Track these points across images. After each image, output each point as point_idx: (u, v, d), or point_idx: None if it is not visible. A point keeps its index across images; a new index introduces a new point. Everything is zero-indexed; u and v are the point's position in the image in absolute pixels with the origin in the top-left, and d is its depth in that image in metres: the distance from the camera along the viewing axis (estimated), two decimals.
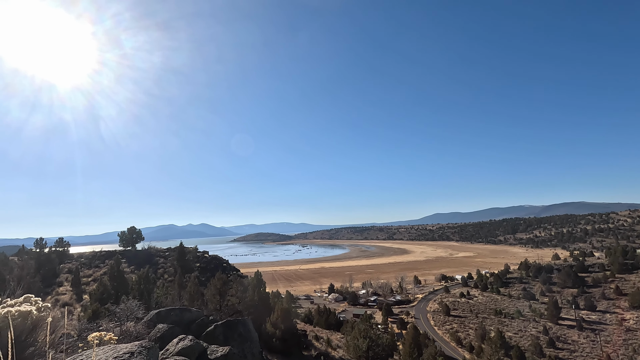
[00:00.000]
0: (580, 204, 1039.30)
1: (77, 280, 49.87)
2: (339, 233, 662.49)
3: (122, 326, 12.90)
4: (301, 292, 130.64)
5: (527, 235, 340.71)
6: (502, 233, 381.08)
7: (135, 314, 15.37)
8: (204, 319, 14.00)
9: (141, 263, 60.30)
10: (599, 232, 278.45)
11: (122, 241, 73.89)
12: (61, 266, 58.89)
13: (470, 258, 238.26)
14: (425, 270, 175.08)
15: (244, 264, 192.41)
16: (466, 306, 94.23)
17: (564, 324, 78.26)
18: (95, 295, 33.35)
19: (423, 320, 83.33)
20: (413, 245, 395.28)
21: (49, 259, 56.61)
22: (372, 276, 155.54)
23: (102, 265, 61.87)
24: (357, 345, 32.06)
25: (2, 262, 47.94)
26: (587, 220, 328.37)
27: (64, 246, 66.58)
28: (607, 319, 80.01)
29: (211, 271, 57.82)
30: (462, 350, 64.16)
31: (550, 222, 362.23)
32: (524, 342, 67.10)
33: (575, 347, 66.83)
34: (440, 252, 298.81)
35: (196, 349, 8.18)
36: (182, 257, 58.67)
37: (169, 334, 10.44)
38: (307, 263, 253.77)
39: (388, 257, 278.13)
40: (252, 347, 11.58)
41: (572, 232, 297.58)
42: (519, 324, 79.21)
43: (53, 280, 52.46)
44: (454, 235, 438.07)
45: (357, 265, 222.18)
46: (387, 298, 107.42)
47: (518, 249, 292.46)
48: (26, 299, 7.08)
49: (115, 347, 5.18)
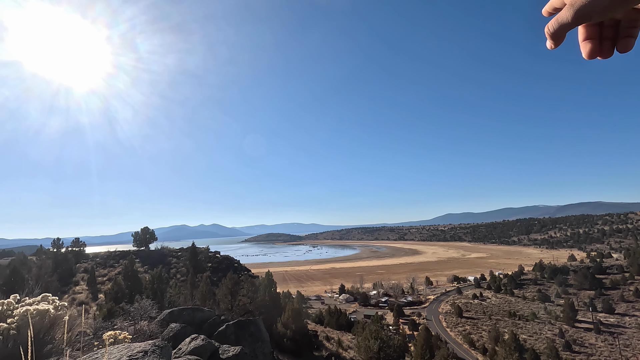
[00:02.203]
0: (597, 203, 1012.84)
1: (92, 280, 51.03)
2: (350, 233, 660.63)
3: (136, 325, 13.13)
4: (312, 292, 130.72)
5: (541, 236, 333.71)
6: (515, 234, 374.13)
7: (149, 313, 15.62)
8: (216, 318, 14.14)
9: (154, 263, 61.29)
10: (617, 233, 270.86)
11: (136, 241, 75.30)
12: (77, 266, 60.31)
13: (483, 259, 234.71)
14: (437, 271, 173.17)
15: (255, 264, 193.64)
16: (479, 308, 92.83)
17: (580, 326, 76.35)
18: (110, 295, 34.04)
19: (435, 322, 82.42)
20: (424, 245, 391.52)
21: (66, 259, 58.04)
22: (383, 277, 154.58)
23: (117, 265, 63.12)
24: (368, 346, 31.91)
25: (21, 261, 49.38)
26: (604, 220, 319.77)
27: (80, 246, 68.20)
28: (627, 322, 77.78)
29: (223, 271, 58.37)
30: (475, 353, 63.24)
31: (566, 223, 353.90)
32: (539, 345, 65.73)
33: (593, 351, 65.15)
34: (452, 252, 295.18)
35: (208, 349, 8.26)
36: (194, 257, 59.42)
37: (181, 333, 10.58)
38: (318, 263, 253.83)
39: (399, 257, 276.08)
40: (264, 347, 11.64)
41: (589, 232, 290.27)
42: (534, 327, 77.63)
43: (70, 279, 53.79)
44: (466, 235, 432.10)
45: (368, 266, 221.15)
46: (398, 299, 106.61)
47: (532, 250, 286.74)
48: (44, 298, 7.27)
49: (129, 346, 5.27)
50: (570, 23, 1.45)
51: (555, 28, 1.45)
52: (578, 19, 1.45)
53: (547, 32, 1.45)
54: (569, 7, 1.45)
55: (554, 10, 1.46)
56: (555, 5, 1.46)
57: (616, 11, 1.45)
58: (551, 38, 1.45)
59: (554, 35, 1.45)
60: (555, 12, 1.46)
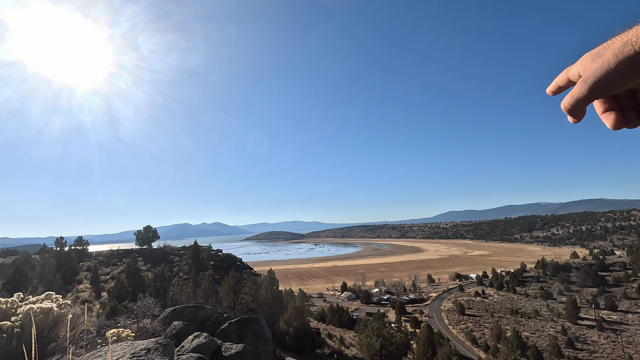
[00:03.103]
0: (600, 200, 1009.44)
1: (95, 278, 51.30)
2: (352, 231, 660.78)
3: (139, 323, 13.19)
4: (314, 290, 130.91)
5: (544, 233, 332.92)
6: (518, 231, 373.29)
7: (152, 311, 15.68)
8: (218, 316, 14.17)
9: (157, 261, 61.44)
10: (620, 230, 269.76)
11: (139, 240, 75.53)
12: (80, 264, 60.60)
13: (485, 256, 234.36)
14: (439, 269, 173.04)
15: (257, 263, 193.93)
16: (481, 305, 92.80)
17: (583, 324, 76.25)
18: (113, 293, 34.21)
19: (437, 319, 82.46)
20: (426, 243, 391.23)
21: (69, 258, 58.31)
22: (385, 275, 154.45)
23: (120, 263, 63.37)
24: (370, 343, 31.93)
25: (24, 260, 49.67)
26: (607, 217, 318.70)
27: (83, 245, 68.51)
28: (629, 319, 77.63)
29: (225, 269, 58.49)
30: (477, 350, 63.26)
31: (569, 220, 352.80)
32: (541, 342, 65.69)
33: (595, 348, 65.06)
34: (455, 250, 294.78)
35: (211, 346, 8.28)
36: (196, 255, 59.57)
37: (184, 331, 10.61)
38: (320, 261, 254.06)
39: (401, 255, 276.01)
40: (266, 344, 11.67)
41: (592, 229, 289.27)
42: (536, 324, 77.56)
43: (73, 278, 54.05)
44: (468, 233, 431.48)
45: (370, 264, 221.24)
46: (401, 297, 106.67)
47: (535, 247, 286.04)
48: (47, 296, 7.31)
49: (132, 344, 5.28)
50: (586, 98, 1.37)
51: (572, 104, 1.37)
52: (594, 93, 1.37)
53: (564, 109, 1.37)
54: (582, 82, 1.37)
55: (558, 89, 1.37)
56: (560, 84, 1.37)
57: (632, 83, 1.37)
58: (570, 114, 1.36)
59: (571, 111, 1.36)
60: (560, 90, 1.37)
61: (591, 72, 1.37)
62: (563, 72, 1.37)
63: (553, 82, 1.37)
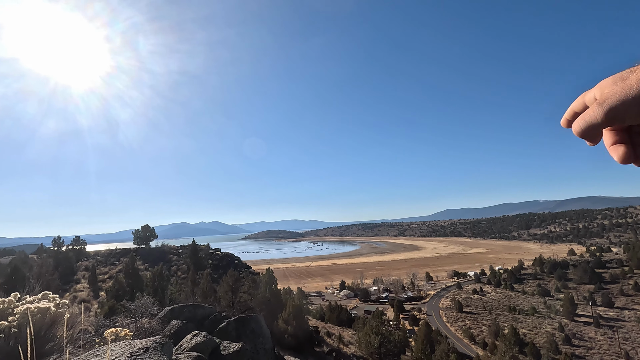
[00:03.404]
0: (597, 198, 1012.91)
1: (93, 278, 51.17)
2: (350, 230, 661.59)
3: (137, 322, 13.17)
4: (312, 288, 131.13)
5: (541, 231, 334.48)
6: (515, 229, 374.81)
7: (150, 310, 15.66)
8: (217, 315, 14.16)
9: (155, 260, 61.38)
10: (617, 227, 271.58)
11: (137, 239, 75.39)
12: (78, 264, 60.43)
13: (482, 254, 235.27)
14: (437, 267, 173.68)
15: (256, 261, 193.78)
16: (479, 303, 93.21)
17: (580, 320, 76.75)
18: (111, 292, 34.15)
19: (435, 317, 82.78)
20: (424, 241, 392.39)
21: (67, 257, 58.14)
22: (383, 273, 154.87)
23: (118, 262, 63.25)
24: (369, 341, 32.05)
25: (21, 260, 49.46)
26: (604, 214, 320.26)
27: (81, 244, 68.33)
28: (626, 316, 78.18)
29: (223, 268, 58.51)
30: (475, 347, 63.58)
31: (566, 217, 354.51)
32: (538, 339, 66.12)
33: (592, 344, 65.54)
34: (452, 248, 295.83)
35: (209, 345, 8.28)
36: (194, 254, 59.53)
37: (182, 330, 10.60)
38: (318, 260, 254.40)
39: (399, 253, 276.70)
40: (264, 343, 11.68)
41: (589, 227, 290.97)
42: (534, 321, 78.01)
43: (71, 277, 53.92)
44: (466, 231, 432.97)
45: (368, 262, 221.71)
46: (399, 294, 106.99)
47: (532, 244, 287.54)
48: (45, 296, 7.28)
49: (130, 343, 5.27)
50: (599, 123, 1.21)
51: (584, 129, 1.21)
52: (609, 119, 1.21)
53: (576, 133, 1.22)
54: (597, 105, 1.21)
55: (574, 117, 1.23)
56: (576, 110, 1.22)
57: None
58: (582, 137, 1.22)
59: (583, 135, 1.22)
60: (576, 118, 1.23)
61: (609, 95, 1.21)
62: (579, 98, 1.22)
63: (568, 109, 1.23)
